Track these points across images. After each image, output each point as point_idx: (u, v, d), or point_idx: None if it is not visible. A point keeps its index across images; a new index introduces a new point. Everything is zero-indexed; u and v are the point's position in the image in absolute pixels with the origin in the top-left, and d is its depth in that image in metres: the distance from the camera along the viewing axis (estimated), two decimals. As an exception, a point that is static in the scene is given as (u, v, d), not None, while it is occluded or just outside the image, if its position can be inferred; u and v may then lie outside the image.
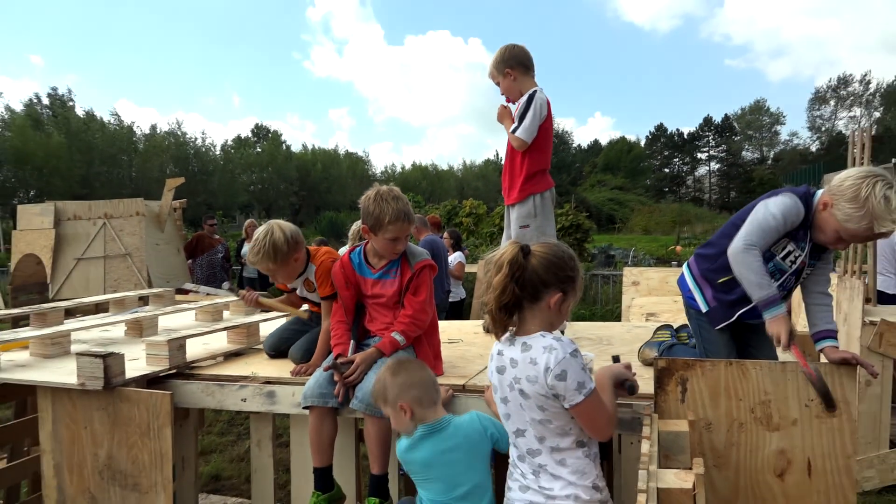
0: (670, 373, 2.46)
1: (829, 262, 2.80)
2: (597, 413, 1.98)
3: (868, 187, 2.42)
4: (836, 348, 2.51)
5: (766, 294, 2.46)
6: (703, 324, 2.84)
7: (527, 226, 3.83)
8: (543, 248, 2.05)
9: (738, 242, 2.54)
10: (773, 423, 2.39)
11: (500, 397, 2.10)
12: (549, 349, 1.94)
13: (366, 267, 2.97)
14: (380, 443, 2.65)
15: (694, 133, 76.40)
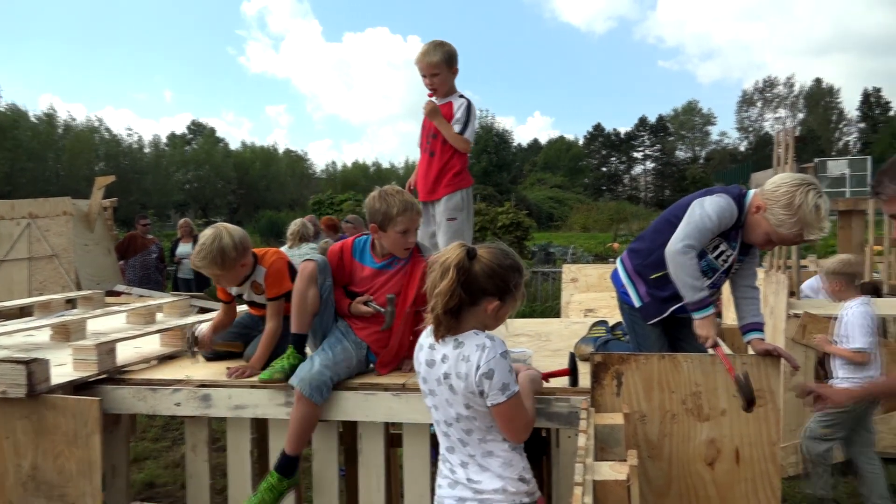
0: (606, 367, 2.51)
1: (757, 256, 2.90)
2: (516, 416, 2.02)
3: (801, 195, 2.51)
4: (762, 340, 2.61)
5: (699, 297, 2.54)
6: (637, 319, 2.90)
7: (454, 218, 3.89)
8: (489, 256, 2.05)
9: (677, 244, 2.58)
10: (704, 413, 2.47)
11: (427, 388, 2.12)
12: (481, 347, 1.97)
13: (368, 255, 2.96)
14: (303, 425, 2.70)
15: (630, 133, 78.30)
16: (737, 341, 4.40)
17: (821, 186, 2.58)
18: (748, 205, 2.67)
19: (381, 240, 2.88)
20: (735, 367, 2.43)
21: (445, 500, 2.09)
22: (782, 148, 5.71)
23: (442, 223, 3.90)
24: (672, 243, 2.59)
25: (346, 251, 2.97)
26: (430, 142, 3.99)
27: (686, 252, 2.55)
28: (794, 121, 69.97)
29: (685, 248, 2.56)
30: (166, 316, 4.52)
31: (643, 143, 78.23)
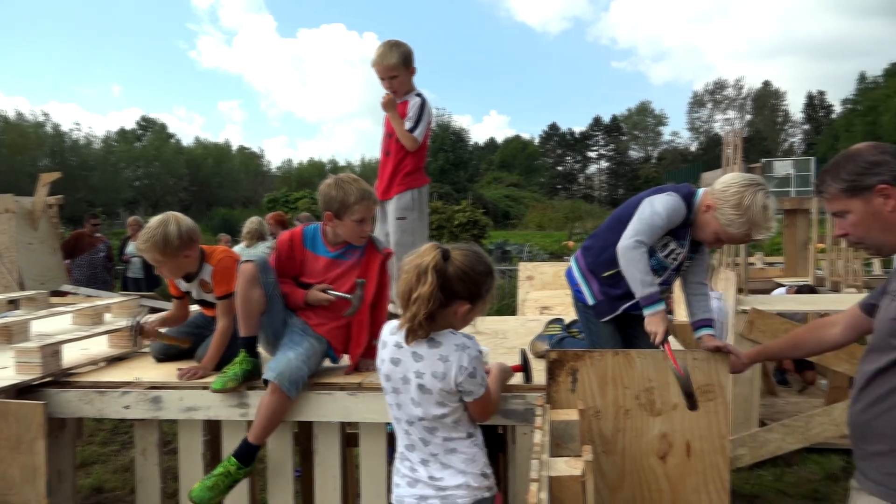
0: (561, 364, 2.54)
1: (707, 253, 2.97)
2: (489, 402, 2.11)
3: (750, 196, 2.56)
4: (712, 336, 2.67)
5: (649, 292, 2.57)
6: (591, 316, 2.94)
7: (404, 217, 3.91)
8: (463, 259, 2.05)
9: (629, 240, 2.61)
10: (656, 408, 2.52)
11: (390, 386, 2.10)
12: (461, 347, 1.99)
13: (321, 244, 2.91)
14: (274, 417, 2.66)
15: (585, 132, 79.40)
16: (688, 337, 4.50)
17: (769, 187, 2.65)
18: (698, 204, 2.71)
19: (337, 228, 2.85)
20: (686, 366, 2.47)
21: (405, 499, 2.08)
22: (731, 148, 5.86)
23: (392, 222, 3.91)
24: (623, 239, 2.63)
25: (297, 240, 2.92)
26: (386, 141, 4.00)
27: (637, 247, 2.59)
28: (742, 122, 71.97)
29: (636, 244, 2.59)
30: (115, 316, 4.40)
31: (597, 142, 79.42)
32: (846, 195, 1.86)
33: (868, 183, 1.82)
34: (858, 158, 1.85)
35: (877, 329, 1.91)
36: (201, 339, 3.23)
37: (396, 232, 3.91)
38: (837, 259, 7.66)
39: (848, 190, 1.85)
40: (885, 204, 1.82)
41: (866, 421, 1.84)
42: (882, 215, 1.83)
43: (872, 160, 1.83)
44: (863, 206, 1.84)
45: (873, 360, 1.85)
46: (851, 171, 1.85)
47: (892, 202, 1.81)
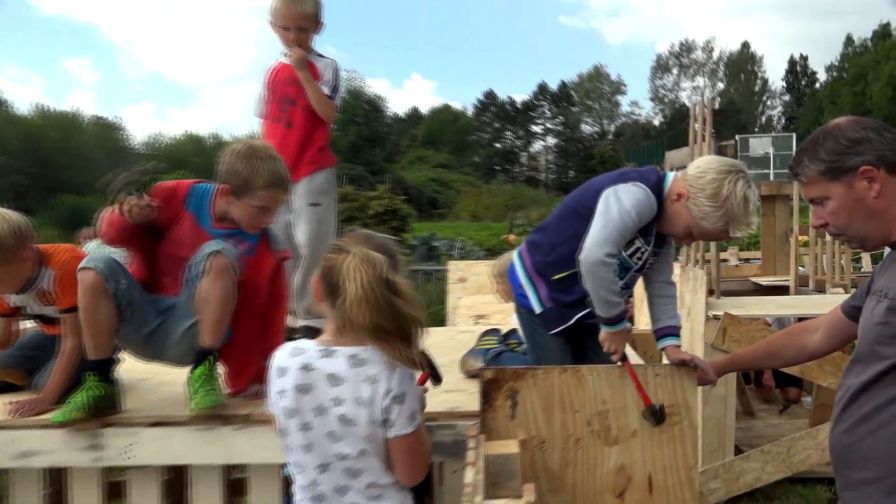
0: (498, 385, 2.56)
1: (672, 247, 3.04)
2: (420, 450, 2.06)
3: (730, 185, 2.62)
4: (678, 347, 2.75)
5: (614, 312, 2.63)
6: (536, 326, 2.96)
7: (318, 203, 3.90)
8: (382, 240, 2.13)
9: (598, 252, 2.59)
10: (612, 435, 2.58)
11: (297, 423, 2.05)
12: (391, 365, 1.99)
13: (206, 214, 2.87)
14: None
15: (528, 102, 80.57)
16: (650, 348, 4.62)
17: (749, 174, 2.74)
18: (667, 191, 2.76)
19: (230, 206, 2.82)
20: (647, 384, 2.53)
21: None
22: (699, 122, 6.05)
23: (303, 210, 3.88)
24: (590, 250, 2.60)
25: (180, 195, 2.87)
26: (285, 110, 3.95)
27: (607, 263, 2.59)
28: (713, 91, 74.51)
29: (607, 258, 2.58)
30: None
31: (543, 114, 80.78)
32: (825, 178, 1.93)
33: (850, 164, 1.89)
34: (838, 135, 1.92)
35: (861, 335, 1.99)
36: (40, 365, 3.11)
37: (310, 221, 3.89)
38: (822, 254, 8.01)
39: (827, 172, 1.92)
40: (868, 189, 1.89)
41: (850, 444, 1.92)
42: (865, 202, 1.90)
43: (854, 137, 1.90)
44: (844, 192, 1.92)
45: (858, 373, 1.93)
46: (831, 151, 1.92)
47: (877, 186, 1.89)
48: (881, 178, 1.89)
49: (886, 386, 1.86)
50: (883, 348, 1.86)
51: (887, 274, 1.98)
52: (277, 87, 3.96)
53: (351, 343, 2.02)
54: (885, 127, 1.94)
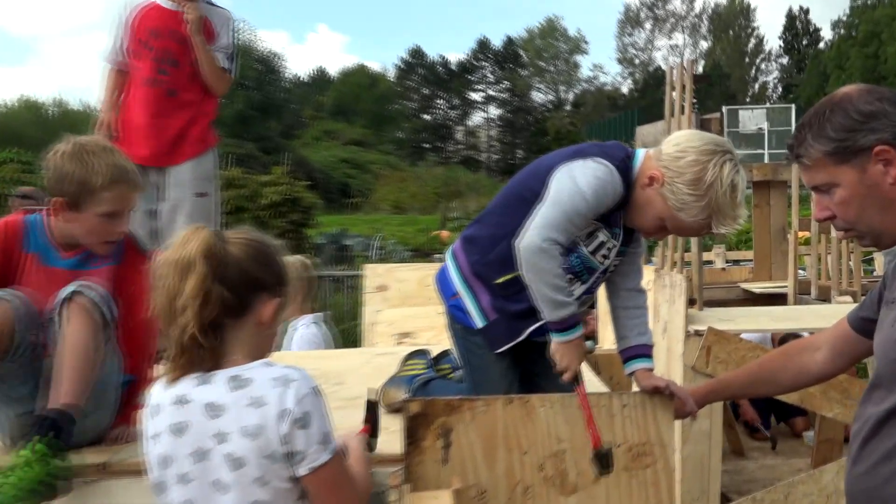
0: (427, 421, 2.57)
1: (643, 245, 3.08)
2: (344, 483, 2.02)
3: (715, 169, 2.65)
4: (650, 371, 2.79)
5: (563, 313, 2.63)
6: (475, 346, 2.96)
7: (205, 192, 3.87)
8: (240, 233, 2.06)
9: (535, 237, 2.62)
10: (569, 482, 2.61)
11: (172, 474, 2.01)
12: (283, 381, 1.93)
13: (48, 246, 2.82)
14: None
15: (465, 62, 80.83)
16: (616, 372, 4.68)
17: (738, 156, 2.77)
18: (636, 172, 2.79)
19: (70, 224, 2.78)
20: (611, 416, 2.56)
21: None
22: (678, 90, 6.15)
23: (185, 201, 3.84)
24: (527, 235, 2.64)
25: (11, 236, 2.82)
26: (165, 72, 3.90)
27: (548, 250, 2.61)
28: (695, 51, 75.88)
29: (547, 244, 2.61)
30: None
31: (484, 78, 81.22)
32: (832, 160, 1.96)
33: (862, 143, 1.91)
34: (849, 108, 1.94)
35: (880, 356, 2.02)
36: None
37: (195, 214, 3.85)
38: (827, 254, 8.22)
39: (835, 153, 1.94)
40: (885, 173, 1.91)
41: (874, 487, 1.95)
42: (881, 189, 1.93)
43: (867, 110, 1.92)
44: (855, 177, 1.94)
45: (880, 400, 1.96)
46: (839, 127, 1.94)
47: (895, 171, 1.91)
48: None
49: None
50: None
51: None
52: (150, 39, 3.89)
53: (237, 362, 2.00)
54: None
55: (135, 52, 3.94)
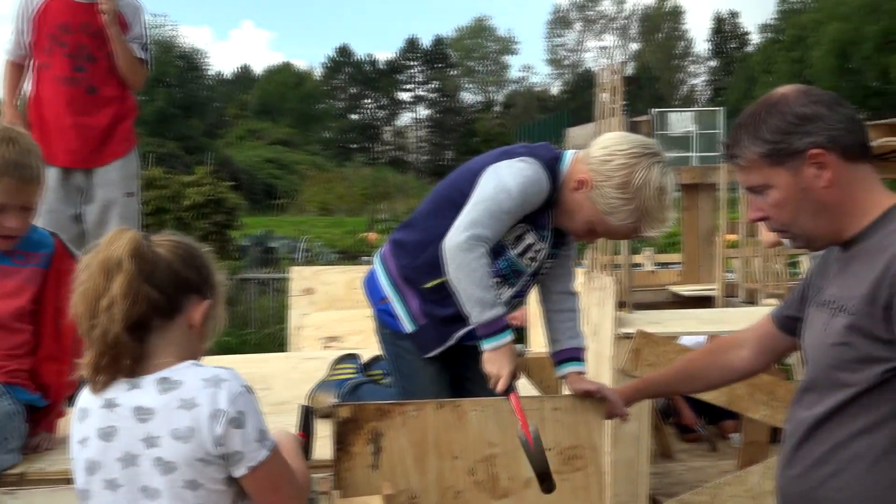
0: (357, 426, 2.57)
1: (574, 247, 3.12)
2: (284, 477, 2.02)
3: (643, 172, 2.69)
4: (581, 375, 2.83)
5: (491, 315, 2.63)
6: (405, 351, 2.98)
7: (133, 192, 3.83)
8: (166, 237, 2.06)
9: (460, 234, 2.64)
10: (501, 486, 2.63)
11: (101, 480, 1.98)
12: (214, 381, 1.92)
13: None
14: None
15: (393, 62, 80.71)
16: (547, 376, 4.72)
17: (664, 157, 2.81)
18: (564, 175, 2.83)
19: None
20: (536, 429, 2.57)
21: None
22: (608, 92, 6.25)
23: (117, 202, 3.79)
24: (452, 233, 2.66)
25: None
26: (83, 68, 3.84)
27: (473, 247, 2.63)
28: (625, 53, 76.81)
29: (472, 241, 2.63)
30: None
31: (413, 77, 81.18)
32: (767, 162, 1.99)
33: (797, 146, 1.95)
34: (784, 109, 1.98)
35: (813, 360, 2.06)
36: None
37: (128, 216, 3.81)
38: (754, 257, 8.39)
39: (769, 155, 1.98)
40: (817, 177, 1.95)
41: (807, 490, 1.99)
42: (814, 192, 1.97)
43: (803, 112, 1.96)
44: (789, 179, 1.98)
45: (812, 404, 2.00)
46: (775, 129, 1.98)
47: (828, 174, 1.94)
48: (833, 164, 1.94)
49: (850, 418, 1.91)
50: (845, 374, 1.91)
51: (839, 281, 2.02)
52: (61, 34, 3.83)
53: (165, 365, 1.98)
54: (838, 100, 1.99)
55: (44, 48, 3.86)
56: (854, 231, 1.99)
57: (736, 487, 4.63)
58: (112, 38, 3.78)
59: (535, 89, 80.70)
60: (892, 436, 1.87)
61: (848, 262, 2.01)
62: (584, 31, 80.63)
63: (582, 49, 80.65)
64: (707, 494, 4.66)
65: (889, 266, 1.83)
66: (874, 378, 1.86)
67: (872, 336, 1.86)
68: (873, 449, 1.88)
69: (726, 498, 4.63)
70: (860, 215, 1.98)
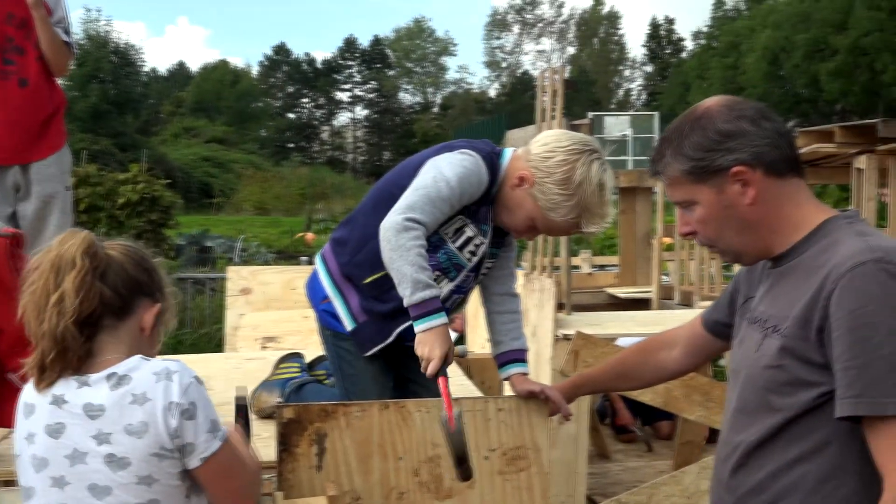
0: (301, 427, 2.56)
1: (514, 248, 3.14)
2: (236, 466, 2.02)
3: (584, 168, 2.72)
4: (524, 376, 2.85)
5: (424, 296, 2.60)
6: (346, 350, 2.98)
7: (70, 187, 3.84)
8: (116, 241, 2.07)
9: (396, 215, 2.64)
10: (444, 487, 2.64)
11: (47, 477, 1.96)
12: (165, 375, 1.92)
13: None
14: None
15: (331, 61, 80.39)
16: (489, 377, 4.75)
17: (604, 153, 2.85)
18: (504, 171, 2.85)
19: None
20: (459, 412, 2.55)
21: None
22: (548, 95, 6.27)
23: (57, 195, 3.77)
24: (390, 215, 2.66)
25: None
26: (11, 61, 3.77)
27: (407, 228, 2.62)
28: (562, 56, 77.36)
29: (407, 222, 2.63)
30: None
31: (351, 77, 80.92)
32: (691, 179, 1.98)
33: (720, 163, 1.93)
34: (707, 126, 1.96)
35: (746, 378, 2.02)
36: None
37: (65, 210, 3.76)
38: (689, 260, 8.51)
39: (692, 172, 1.97)
40: (742, 194, 1.94)
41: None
42: (738, 210, 1.95)
43: (725, 129, 1.94)
44: (713, 197, 1.96)
45: (744, 427, 1.98)
46: (697, 146, 1.95)
47: (752, 192, 1.93)
48: (757, 181, 1.92)
49: (786, 444, 1.89)
50: (777, 398, 1.90)
51: (770, 298, 2.02)
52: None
53: (113, 362, 1.97)
54: (764, 114, 1.97)
55: None
56: (784, 247, 1.98)
57: (672, 487, 4.68)
58: (38, 22, 3.72)
59: (473, 91, 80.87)
60: (830, 463, 1.85)
61: (779, 278, 2.00)
62: (522, 34, 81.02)
63: (520, 52, 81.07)
64: (643, 494, 4.70)
65: (822, 287, 1.81)
66: (808, 403, 1.84)
67: (805, 359, 1.84)
68: (811, 476, 1.86)
69: (662, 497, 4.68)
70: (790, 231, 1.97)
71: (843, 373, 1.75)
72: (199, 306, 12.63)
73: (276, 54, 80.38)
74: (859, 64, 44.31)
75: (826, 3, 46.00)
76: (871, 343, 1.73)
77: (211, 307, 12.41)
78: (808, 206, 1.99)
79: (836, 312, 1.77)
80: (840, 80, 44.85)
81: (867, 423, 1.75)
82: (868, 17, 43.04)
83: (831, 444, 1.84)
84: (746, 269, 2.21)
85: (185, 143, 56.65)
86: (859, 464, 1.82)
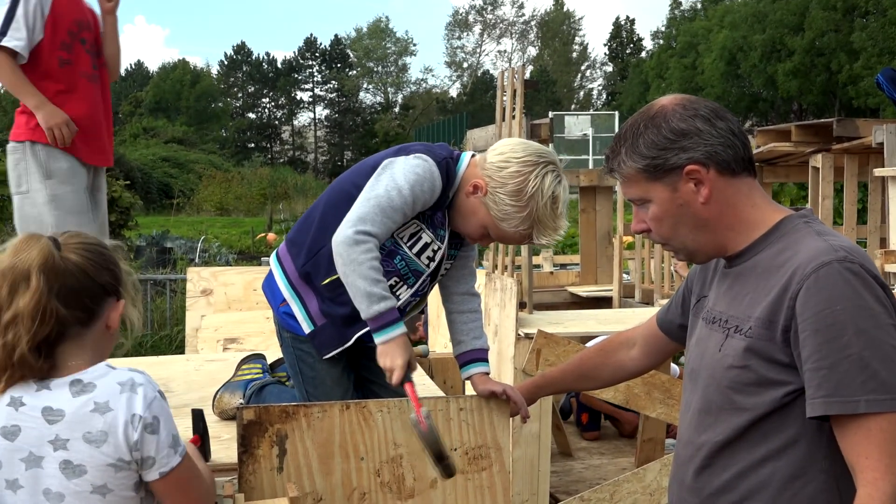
0: (262, 428, 2.55)
1: (474, 248, 3.13)
2: (194, 481, 2.03)
3: (536, 180, 2.71)
4: (486, 375, 2.85)
5: (380, 308, 2.61)
6: (305, 353, 2.96)
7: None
8: (74, 237, 2.02)
9: (347, 228, 2.63)
10: (407, 487, 2.64)
11: (1, 479, 1.95)
12: (130, 386, 1.91)
13: None
14: None
15: (291, 61, 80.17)
16: (451, 376, 4.75)
17: (560, 165, 2.85)
18: (461, 177, 2.85)
19: None
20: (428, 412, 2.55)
21: None
22: (508, 95, 6.30)
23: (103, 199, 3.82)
24: (341, 228, 2.65)
25: None
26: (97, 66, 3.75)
27: (358, 242, 2.61)
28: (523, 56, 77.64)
29: (359, 235, 2.62)
30: None
31: (312, 77, 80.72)
32: (645, 177, 2.00)
33: (673, 162, 1.94)
34: (662, 124, 1.97)
35: (704, 378, 2.04)
36: None
37: None
38: (650, 258, 8.58)
39: (646, 170, 1.98)
40: (695, 193, 1.95)
41: None
42: (692, 208, 1.97)
43: (679, 128, 1.95)
44: (667, 195, 1.98)
45: (708, 427, 1.99)
46: (651, 144, 1.97)
47: (706, 191, 1.95)
48: (710, 180, 1.94)
49: (752, 444, 1.91)
50: (742, 398, 1.91)
51: (728, 298, 2.03)
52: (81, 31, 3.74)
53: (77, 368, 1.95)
54: (718, 113, 1.98)
55: (67, 45, 3.74)
56: (739, 246, 2.00)
57: (634, 484, 4.71)
58: (111, 27, 3.70)
59: (434, 91, 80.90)
60: (797, 461, 1.86)
61: (736, 278, 2.01)
62: (483, 34, 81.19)
63: (481, 52, 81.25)
64: (606, 492, 4.73)
65: (786, 288, 1.83)
66: (774, 402, 1.86)
67: (771, 359, 1.86)
68: (778, 475, 1.87)
69: (625, 494, 4.71)
70: (745, 230, 1.99)
71: (813, 373, 1.77)
72: (159, 308, 12.52)
73: (237, 54, 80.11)
74: (815, 64, 44.93)
75: (781, 4, 46.55)
76: (839, 343, 1.75)
77: (171, 309, 12.31)
78: (763, 205, 2.01)
79: (803, 313, 1.79)
80: (797, 79, 45.45)
81: (837, 421, 1.77)
82: (823, 18, 43.67)
83: (799, 442, 1.86)
84: (699, 268, 2.23)
85: (144, 144, 56.23)
86: (827, 461, 1.84)
